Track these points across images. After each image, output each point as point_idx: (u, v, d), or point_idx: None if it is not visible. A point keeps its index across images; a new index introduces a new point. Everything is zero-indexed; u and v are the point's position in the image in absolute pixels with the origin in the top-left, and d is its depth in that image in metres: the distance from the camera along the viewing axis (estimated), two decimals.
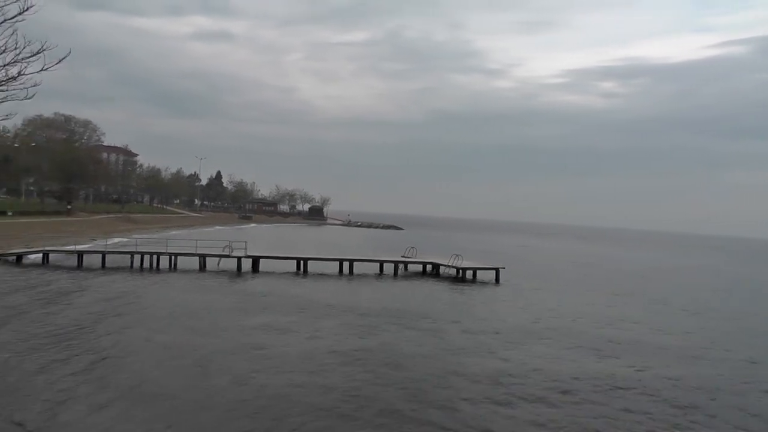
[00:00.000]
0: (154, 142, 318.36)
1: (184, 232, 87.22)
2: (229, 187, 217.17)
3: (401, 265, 51.97)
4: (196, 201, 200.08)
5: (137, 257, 46.39)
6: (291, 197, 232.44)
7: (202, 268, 45.80)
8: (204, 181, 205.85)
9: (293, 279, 44.15)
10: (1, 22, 7.48)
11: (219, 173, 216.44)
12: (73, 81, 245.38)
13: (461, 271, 48.50)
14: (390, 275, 48.82)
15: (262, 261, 47.61)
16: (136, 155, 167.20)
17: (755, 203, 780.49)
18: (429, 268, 52.12)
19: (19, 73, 7.68)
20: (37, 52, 7.63)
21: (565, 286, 48.45)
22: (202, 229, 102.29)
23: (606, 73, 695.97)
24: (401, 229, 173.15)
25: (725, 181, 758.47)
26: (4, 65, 7.63)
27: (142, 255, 46.68)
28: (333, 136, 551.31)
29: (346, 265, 49.01)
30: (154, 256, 46.64)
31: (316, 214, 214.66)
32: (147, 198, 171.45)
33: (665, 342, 27.28)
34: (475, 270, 49.61)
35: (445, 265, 50.06)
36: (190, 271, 44.09)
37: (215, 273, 44.30)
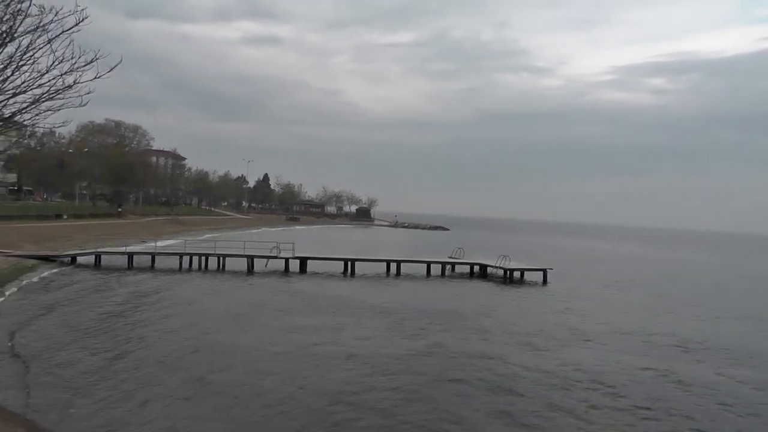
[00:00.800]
0: (202, 146, 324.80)
1: (231, 233, 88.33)
2: (277, 189, 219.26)
3: (448, 266, 51.66)
4: (244, 203, 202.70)
5: (186, 258, 47.20)
6: (338, 199, 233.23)
7: (250, 269, 46.20)
8: (251, 184, 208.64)
9: (340, 280, 44.29)
10: (59, 34, 7.66)
11: (266, 175, 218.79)
12: (124, 87, 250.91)
13: (509, 272, 47.91)
14: (437, 276, 48.58)
15: (309, 262, 47.83)
16: (185, 158, 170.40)
17: None
18: (476, 269, 51.71)
19: (74, 82, 7.86)
20: (91, 61, 7.80)
21: (614, 287, 47.50)
22: (249, 230, 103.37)
23: (655, 69, 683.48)
24: (448, 229, 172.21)
25: None
26: (61, 74, 7.81)
27: (191, 256, 47.46)
28: (379, 137, 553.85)
29: (393, 266, 48.96)
30: (203, 257, 47.28)
31: (363, 216, 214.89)
32: (195, 200, 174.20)
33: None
34: (522, 271, 49.02)
35: (492, 266, 49.54)
36: (238, 272, 44.55)
37: (263, 274, 44.67)
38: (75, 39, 7.81)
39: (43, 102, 7.99)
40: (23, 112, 8.09)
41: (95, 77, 8.06)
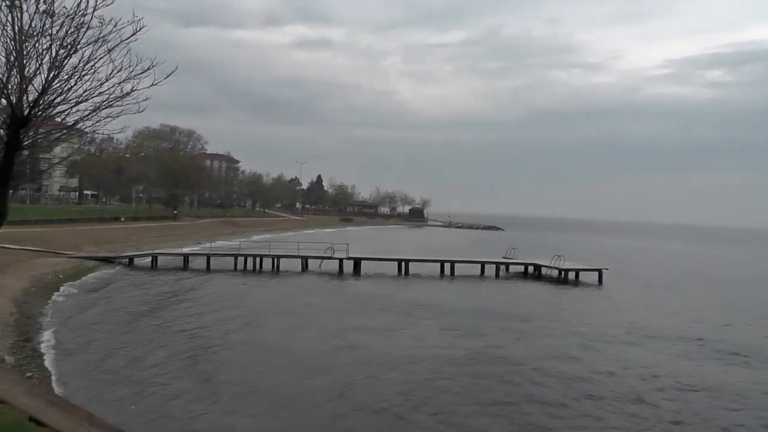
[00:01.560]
0: (256, 149, 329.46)
1: (285, 234, 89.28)
2: (330, 190, 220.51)
3: (502, 267, 51.18)
4: (297, 204, 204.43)
5: (240, 259, 47.81)
6: (391, 199, 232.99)
7: (304, 269, 46.64)
8: (305, 185, 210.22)
9: (394, 280, 44.32)
10: (118, 44, 7.88)
11: (319, 177, 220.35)
12: (179, 93, 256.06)
13: (563, 272, 47.15)
14: (491, 276, 48.19)
15: (363, 262, 48.01)
16: (238, 161, 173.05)
17: None
18: (530, 269, 51.11)
19: (132, 89, 8.06)
20: (148, 69, 7.98)
21: (670, 289, 46.30)
22: (303, 231, 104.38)
23: (712, 61, 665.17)
24: (501, 229, 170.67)
25: None
26: (120, 83, 8.01)
27: (245, 257, 48.05)
28: (432, 137, 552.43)
29: (447, 266, 48.73)
30: (257, 258, 47.87)
31: (416, 216, 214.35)
32: (249, 202, 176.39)
33: None
34: (577, 271, 48.15)
35: (546, 266, 48.85)
36: (292, 273, 45.00)
37: (317, 274, 45.01)
38: (132, 48, 8.02)
39: (102, 109, 8.23)
40: (85, 119, 8.34)
41: (152, 84, 8.24)
